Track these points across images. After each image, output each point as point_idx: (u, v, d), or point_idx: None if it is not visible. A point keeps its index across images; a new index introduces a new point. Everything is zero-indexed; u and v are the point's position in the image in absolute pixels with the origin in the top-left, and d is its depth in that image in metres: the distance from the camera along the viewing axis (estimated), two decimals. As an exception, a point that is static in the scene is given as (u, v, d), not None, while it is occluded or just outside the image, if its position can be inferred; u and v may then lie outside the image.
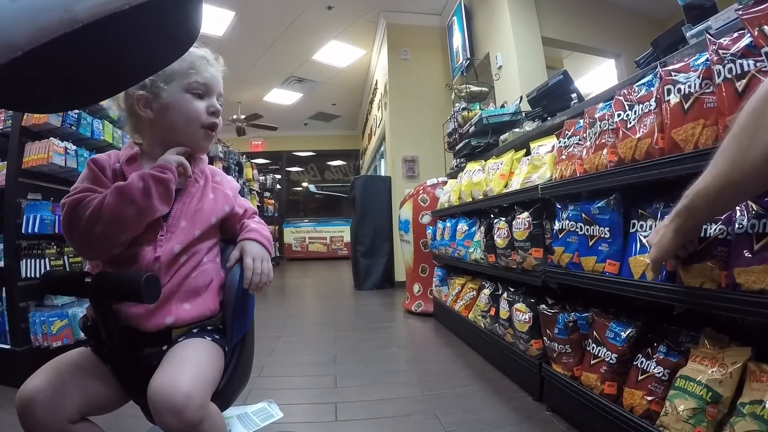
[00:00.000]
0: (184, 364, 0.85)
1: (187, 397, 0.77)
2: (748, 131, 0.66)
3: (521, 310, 1.82)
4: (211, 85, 1.03)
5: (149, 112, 0.99)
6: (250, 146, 11.43)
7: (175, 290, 0.93)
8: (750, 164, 0.66)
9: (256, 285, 0.99)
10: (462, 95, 3.81)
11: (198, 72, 1.00)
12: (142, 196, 0.88)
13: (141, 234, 0.92)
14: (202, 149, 1.07)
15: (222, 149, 5.13)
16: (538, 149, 1.87)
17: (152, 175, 0.91)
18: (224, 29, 6.16)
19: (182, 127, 1.00)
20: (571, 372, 1.53)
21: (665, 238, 0.92)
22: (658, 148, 1.16)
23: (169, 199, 0.94)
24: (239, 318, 0.99)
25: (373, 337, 2.98)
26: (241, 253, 1.03)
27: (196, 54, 1.02)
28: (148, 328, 0.90)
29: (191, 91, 1.00)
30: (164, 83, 0.98)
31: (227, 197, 1.07)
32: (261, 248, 1.05)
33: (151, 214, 0.91)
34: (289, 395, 1.95)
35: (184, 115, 1.00)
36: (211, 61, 1.05)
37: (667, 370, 1.20)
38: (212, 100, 1.04)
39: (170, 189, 0.93)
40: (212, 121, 1.03)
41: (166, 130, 1.01)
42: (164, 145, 1.00)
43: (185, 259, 0.95)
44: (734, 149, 0.69)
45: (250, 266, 0.99)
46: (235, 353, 1.00)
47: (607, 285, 1.32)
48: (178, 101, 0.99)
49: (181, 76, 0.99)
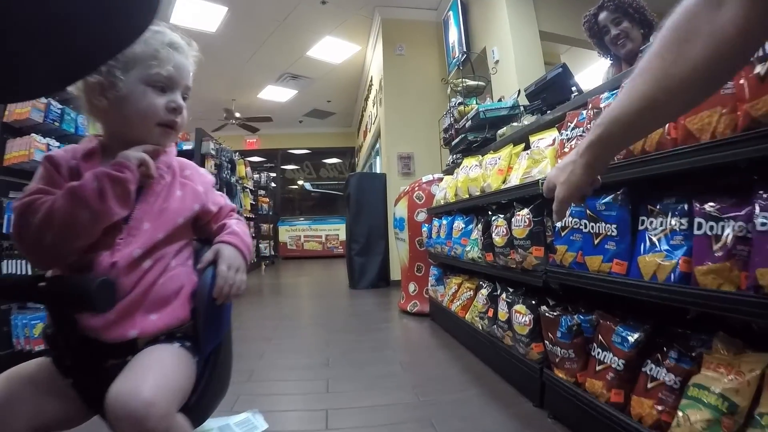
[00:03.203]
0: (147, 370, 0.76)
1: (149, 405, 0.69)
2: (672, 47, 0.60)
3: (521, 311, 1.73)
4: (175, 78, 0.92)
5: (104, 101, 0.88)
6: (244, 144, 11.33)
7: (140, 300, 0.84)
8: (677, 81, 0.60)
9: (225, 296, 0.89)
10: (458, 90, 3.72)
11: (161, 63, 0.89)
12: (96, 199, 0.79)
13: (99, 238, 0.83)
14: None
15: (214, 146, 5.02)
16: (538, 143, 1.78)
17: (108, 175, 0.81)
18: (217, 25, 6.07)
19: (137, 123, 0.90)
20: (575, 378, 1.44)
21: (575, 174, 0.81)
22: (670, 139, 1.08)
23: (128, 200, 0.84)
24: (212, 325, 0.90)
25: (367, 339, 2.89)
26: (216, 257, 0.93)
27: (162, 40, 0.91)
28: (110, 340, 0.81)
29: (151, 84, 0.89)
30: (122, 72, 0.87)
31: (197, 194, 0.97)
32: (238, 256, 0.95)
33: (108, 218, 0.81)
34: (278, 401, 1.87)
35: (140, 110, 0.89)
36: (181, 48, 0.94)
37: (679, 377, 1.12)
38: (174, 96, 0.93)
39: (129, 190, 0.83)
40: (170, 118, 0.93)
41: (120, 123, 0.90)
42: (120, 139, 0.90)
43: (150, 265, 0.86)
44: (657, 67, 0.62)
45: (223, 274, 0.89)
46: (209, 364, 0.91)
47: (615, 286, 1.24)
48: (135, 94, 0.88)
49: (142, 66, 0.88)
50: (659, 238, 1.13)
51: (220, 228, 0.99)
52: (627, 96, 0.67)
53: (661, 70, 0.62)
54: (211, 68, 7.46)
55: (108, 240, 0.83)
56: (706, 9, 0.57)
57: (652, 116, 0.68)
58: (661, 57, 0.62)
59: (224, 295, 0.88)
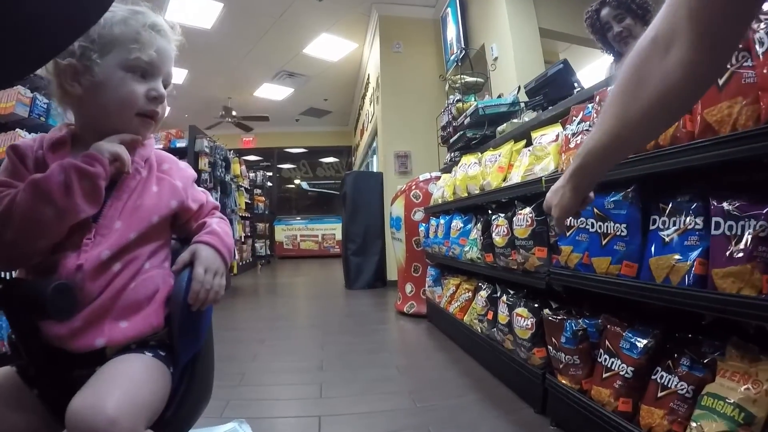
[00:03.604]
0: (112, 383, 0.69)
1: (112, 423, 0.62)
2: (629, 88, 0.68)
3: (523, 315, 1.66)
4: (157, 64, 0.84)
5: (77, 87, 0.80)
6: (240, 143, 11.25)
7: (108, 306, 0.76)
8: (636, 119, 0.68)
9: (201, 302, 0.81)
10: (456, 86, 3.64)
11: (142, 47, 0.81)
12: (61, 193, 0.71)
13: (66, 237, 0.75)
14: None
15: (208, 144, 4.93)
16: (541, 139, 1.71)
17: (76, 167, 0.73)
18: (212, 22, 5.98)
19: (114, 112, 0.82)
20: (580, 385, 1.37)
21: (565, 198, 0.92)
22: (686, 132, 1.01)
23: (97, 197, 0.76)
24: (189, 333, 0.82)
25: (362, 341, 2.81)
26: (193, 258, 0.84)
27: (144, 21, 0.82)
28: (76, 350, 0.74)
29: (131, 69, 0.81)
30: (99, 55, 0.79)
31: (175, 190, 0.88)
32: (217, 258, 0.86)
33: (74, 215, 0.73)
34: (269, 407, 1.80)
35: (118, 98, 0.81)
36: (164, 31, 0.86)
37: (692, 386, 1.06)
38: (155, 83, 0.85)
39: (98, 186, 0.75)
40: (151, 108, 0.85)
41: (94, 112, 0.82)
42: (94, 129, 0.82)
43: (119, 268, 0.78)
44: (618, 106, 0.70)
45: (199, 278, 0.81)
46: (187, 374, 0.83)
47: (624, 290, 1.17)
48: (113, 80, 0.80)
49: (121, 49, 0.80)
50: (672, 238, 1.06)
51: (200, 227, 0.91)
52: (598, 131, 0.77)
53: (622, 110, 0.69)
54: (206, 66, 7.39)
55: (75, 240, 0.76)
56: (656, 53, 0.62)
57: (620, 148, 0.78)
58: (621, 97, 0.69)
59: (200, 301, 0.80)
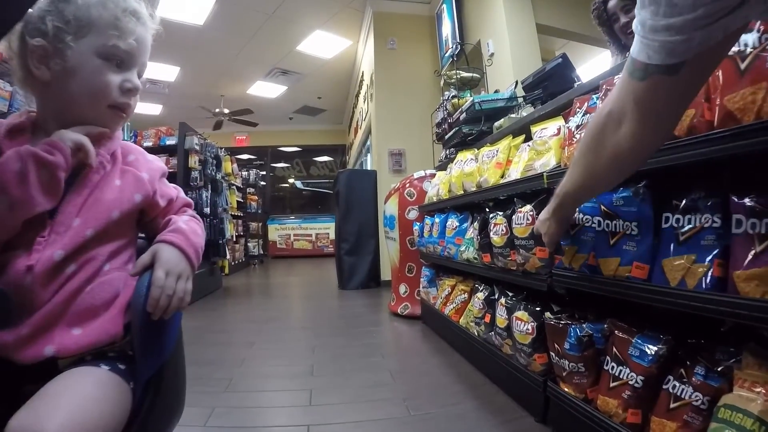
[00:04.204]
0: (58, 400, 0.60)
1: None
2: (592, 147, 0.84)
3: (523, 318, 1.57)
4: (135, 53, 0.77)
5: (45, 71, 0.72)
6: (233, 141, 11.14)
7: (60, 311, 0.67)
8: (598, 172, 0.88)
9: (162, 310, 0.71)
10: (452, 82, 3.56)
11: (121, 34, 0.74)
12: (15, 183, 0.64)
13: (17, 234, 0.67)
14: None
15: (198, 141, 4.82)
16: (541, 133, 1.62)
17: (34, 155, 0.66)
18: (205, 17, 5.89)
19: (84, 102, 0.75)
20: (584, 394, 1.29)
21: (552, 228, 1.17)
22: (704, 121, 0.92)
23: (55, 189, 0.68)
24: (151, 343, 0.73)
25: (355, 344, 2.72)
26: (153, 259, 0.74)
27: (124, 6, 0.76)
28: (24, 361, 0.65)
29: (107, 57, 0.74)
30: (73, 38, 0.72)
31: (140, 182, 0.80)
32: (181, 259, 0.76)
33: (29, 208, 0.66)
34: (255, 416, 1.70)
35: (90, 87, 0.74)
36: (143, 19, 0.79)
37: (707, 396, 0.98)
38: (131, 75, 0.78)
39: (57, 177, 0.68)
40: (124, 101, 0.78)
41: (62, 100, 0.74)
42: (59, 119, 0.74)
43: (74, 269, 0.70)
44: (584, 162, 0.90)
45: (159, 282, 0.71)
46: (150, 390, 0.74)
47: (634, 293, 1.08)
48: (87, 67, 0.73)
49: (98, 34, 0.73)
50: (687, 237, 0.98)
51: (166, 224, 0.82)
52: (570, 177, 0.99)
53: (586, 165, 0.90)
54: (199, 63, 7.29)
55: (28, 238, 0.68)
56: (611, 125, 0.78)
57: (588, 192, 1.02)
58: (587, 154, 0.88)
59: (161, 309, 0.70)
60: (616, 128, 0.75)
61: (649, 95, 0.66)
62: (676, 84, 0.63)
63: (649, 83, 0.65)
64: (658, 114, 0.69)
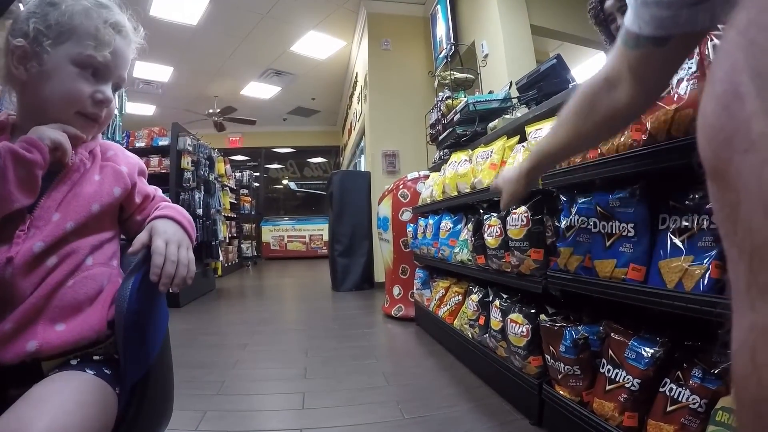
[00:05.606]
0: (41, 406, 0.58)
1: None
2: (583, 110, 0.88)
3: (517, 321, 1.56)
4: (110, 65, 0.77)
5: (22, 72, 0.73)
6: (227, 142, 11.08)
7: (42, 306, 0.66)
8: (584, 133, 0.91)
9: (170, 277, 0.70)
10: (446, 83, 3.54)
11: (98, 45, 0.74)
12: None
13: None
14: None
15: (191, 142, 4.78)
16: (536, 134, 1.61)
17: (12, 152, 0.65)
18: (198, 18, 5.83)
19: (54, 107, 0.74)
20: (580, 397, 1.28)
21: (519, 189, 1.20)
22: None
23: (33, 187, 0.68)
24: (136, 344, 0.70)
25: (348, 346, 2.70)
26: (151, 234, 0.74)
27: (106, 17, 0.76)
28: (6, 360, 0.63)
29: (82, 66, 0.74)
30: (52, 43, 0.72)
31: (119, 175, 0.79)
32: (178, 229, 0.77)
33: (6, 204, 0.65)
34: (247, 419, 1.67)
35: (61, 93, 0.74)
36: (125, 32, 0.80)
37: (704, 399, 0.97)
38: (104, 87, 0.77)
39: (35, 174, 0.67)
40: (93, 111, 0.77)
41: (34, 101, 0.74)
42: (34, 119, 0.74)
43: (55, 262, 0.69)
44: (572, 123, 0.92)
45: (160, 250, 0.70)
46: (136, 395, 0.71)
47: (630, 295, 1.07)
48: (60, 73, 0.73)
49: (76, 42, 0.73)
50: (685, 239, 0.97)
51: (146, 218, 0.81)
52: (553, 138, 1.00)
53: (574, 126, 0.92)
54: (192, 63, 7.24)
55: (7, 232, 0.67)
56: (606, 88, 0.82)
57: (571, 151, 1.06)
58: (574, 116, 0.90)
59: (167, 276, 0.69)
60: (610, 91, 0.81)
61: (641, 63, 0.73)
62: (664, 55, 0.69)
63: (640, 52, 0.71)
64: (649, 79, 0.76)
